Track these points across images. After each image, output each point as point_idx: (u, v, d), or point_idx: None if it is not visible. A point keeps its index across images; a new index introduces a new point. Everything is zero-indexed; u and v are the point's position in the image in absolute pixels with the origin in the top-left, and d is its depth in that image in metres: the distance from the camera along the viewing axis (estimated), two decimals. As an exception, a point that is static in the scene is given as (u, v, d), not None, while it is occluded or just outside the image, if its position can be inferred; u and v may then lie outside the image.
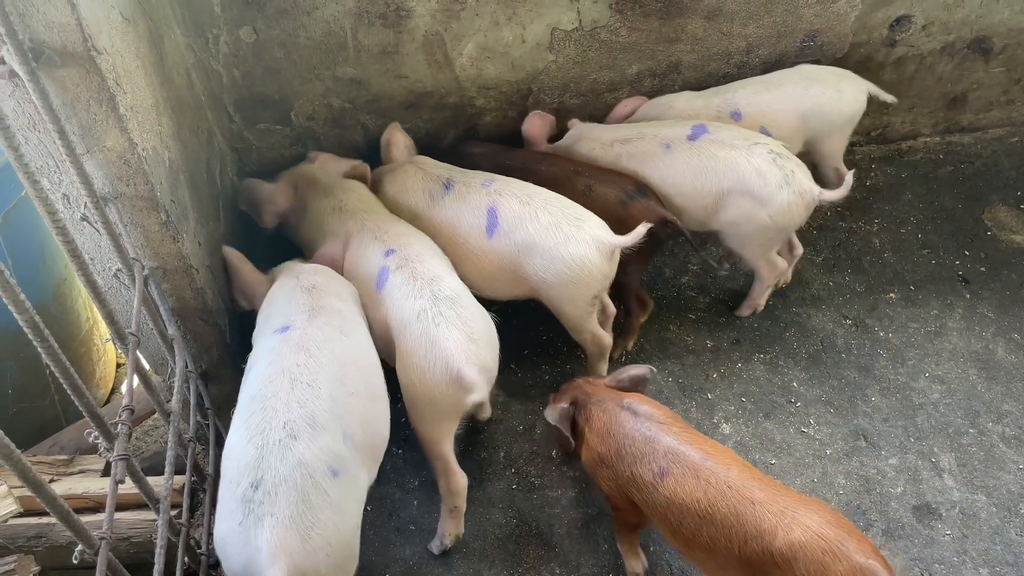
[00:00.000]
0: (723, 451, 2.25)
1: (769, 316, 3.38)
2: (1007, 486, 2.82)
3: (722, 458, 2.20)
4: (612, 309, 3.09)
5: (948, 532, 2.71)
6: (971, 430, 2.99)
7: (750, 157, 2.96)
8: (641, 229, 2.68)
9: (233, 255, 2.80)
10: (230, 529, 1.81)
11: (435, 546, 2.69)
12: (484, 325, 2.49)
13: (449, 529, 2.66)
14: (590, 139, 3.27)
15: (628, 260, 2.80)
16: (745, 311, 3.40)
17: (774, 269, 3.25)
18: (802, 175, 2.99)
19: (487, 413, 3.01)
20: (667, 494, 2.18)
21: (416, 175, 3.05)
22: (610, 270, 2.76)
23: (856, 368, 3.19)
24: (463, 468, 2.60)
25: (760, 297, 3.36)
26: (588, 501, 2.80)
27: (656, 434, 2.27)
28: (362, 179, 3.15)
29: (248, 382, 2.14)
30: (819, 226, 3.75)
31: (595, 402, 2.45)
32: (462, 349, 2.36)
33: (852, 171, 3.03)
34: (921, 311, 3.39)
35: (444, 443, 2.53)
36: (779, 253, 3.26)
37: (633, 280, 3.09)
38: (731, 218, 3.04)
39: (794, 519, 2.01)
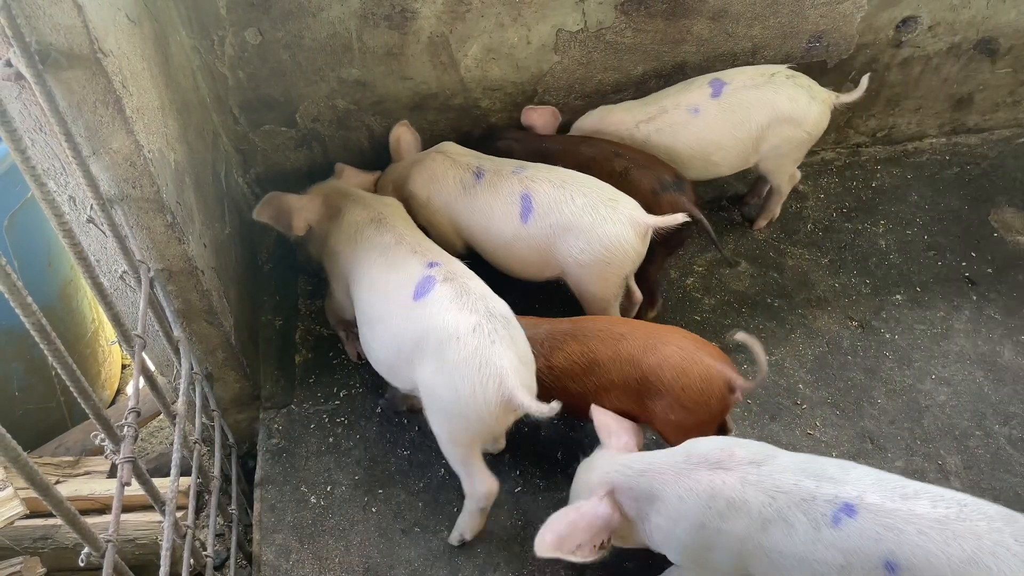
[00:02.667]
0: (589, 318, 2.71)
1: (774, 318, 3.37)
2: (1014, 488, 2.81)
3: (586, 318, 2.68)
4: (639, 295, 3.14)
5: (955, 535, 2.70)
6: (977, 432, 2.97)
7: (776, 89, 3.17)
8: (680, 216, 2.72)
9: None
10: None
11: (454, 538, 2.69)
12: (527, 349, 2.46)
13: (472, 526, 2.66)
14: (613, 126, 3.30)
15: (653, 247, 2.87)
16: (763, 222, 3.67)
17: (793, 180, 3.56)
18: (817, 86, 3.25)
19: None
20: (560, 365, 2.57)
21: (445, 164, 3.06)
22: (644, 249, 2.83)
23: (862, 370, 3.17)
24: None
25: (777, 207, 3.63)
26: (593, 503, 2.79)
27: (532, 332, 2.56)
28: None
29: None
30: (825, 228, 3.74)
31: None
32: (516, 371, 2.31)
33: (858, 172, 3.04)
34: (927, 313, 3.38)
35: (472, 455, 2.50)
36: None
37: (652, 271, 3.13)
38: (771, 146, 3.27)
39: (657, 341, 2.48)
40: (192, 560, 2.11)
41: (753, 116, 3.18)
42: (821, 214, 3.79)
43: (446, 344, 2.33)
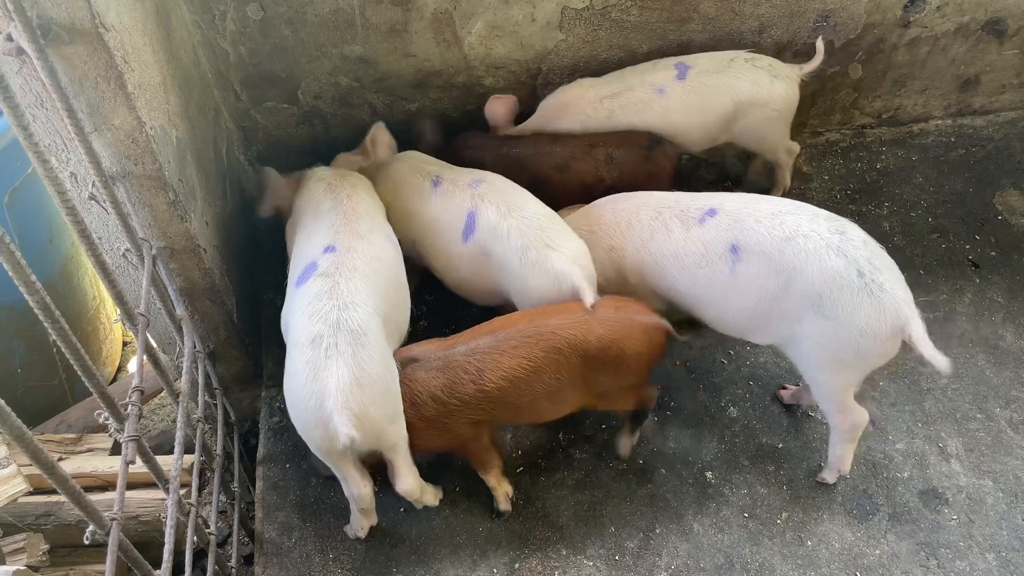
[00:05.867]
0: (502, 319, 2.54)
1: (777, 299, 3.36)
2: (1014, 471, 2.82)
3: (506, 323, 2.50)
4: None
5: (954, 517, 2.71)
6: (979, 415, 2.98)
7: (737, 74, 3.18)
8: (589, 299, 2.49)
9: None
10: None
11: (349, 531, 2.67)
12: (375, 371, 2.23)
13: (362, 523, 2.62)
14: (579, 101, 3.26)
15: None
16: (778, 192, 3.63)
17: (791, 152, 3.53)
18: (778, 62, 3.27)
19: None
20: (495, 385, 2.39)
21: (407, 170, 2.98)
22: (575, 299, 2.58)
23: (864, 352, 3.17)
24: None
25: (786, 176, 3.61)
26: (594, 483, 2.81)
27: (447, 355, 2.44)
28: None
29: None
30: (829, 209, 3.63)
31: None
32: (343, 391, 2.15)
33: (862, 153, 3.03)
34: (930, 295, 3.37)
35: (342, 465, 2.38)
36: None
37: None
38: (743, 127, 3.28)
39: (589, 321, 2.43)
40: (195, 537, 2.12)
41: (716, 101, 3.19)
42: (825, 195, 3.77)
43: (291, 348, 2.31)
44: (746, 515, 2.73)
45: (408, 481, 2.40)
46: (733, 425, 2.96)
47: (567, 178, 3.07)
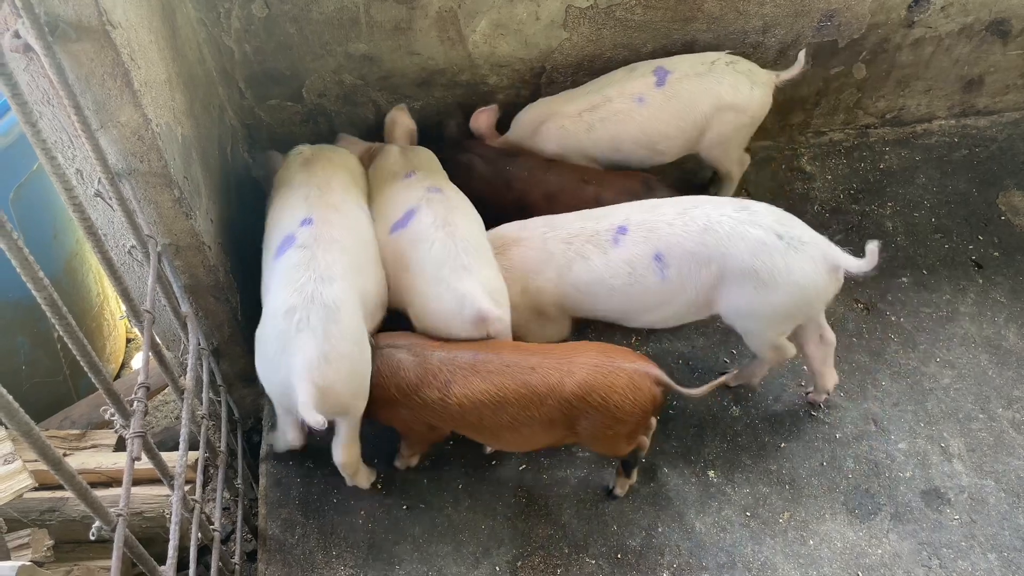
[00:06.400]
0: (495, 342, 2.50)
1: (780, 299, 3.36)
2: (1016, 472, 2.83)
3: (490, 347, 2.46)
4: None
5: (956, 517, 2.71)
6: (981, 415, 2.98)
7: (718, 78, 3.12)
8: (490, 329, 2.49)
9: None
10: None
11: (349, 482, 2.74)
12: (346, 346, 2.28)
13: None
14: (557, 116, 3.24)
15: None
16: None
17: (742, 164, 3.46)
18: (757, 68, 3.22)
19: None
20: (458, 400, 2.39)
21: (393, 157, 3.00)
22: (477, 332, 2.53)
23: (867, 352, 3.18)
24: (471, 449, 2.65)
25: (730, 194, 3.50)
26: (597, 481, 2.81)
27: (426, 355, 2.45)
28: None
29: None
30: (832, 209, 3.72)
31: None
32: (309, 367, 2.21)
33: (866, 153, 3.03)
34: (933, 296, 3.37)
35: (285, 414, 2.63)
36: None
37: None
38: (715, 133, 3.21)
39: (571, 364, 2.37)
40: (199, 534, 2.12)
41: (697, 105, 3.13)
42: (828, 195, 3.78)
43: (265, 315, 2.39)
44: (748, 514, 2.73)
45: (346, 454, 2.55)
46: (736, 424, 2.96)
47: (553, 209, 2.94)
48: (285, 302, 2.28)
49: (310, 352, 2.21)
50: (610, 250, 2.60)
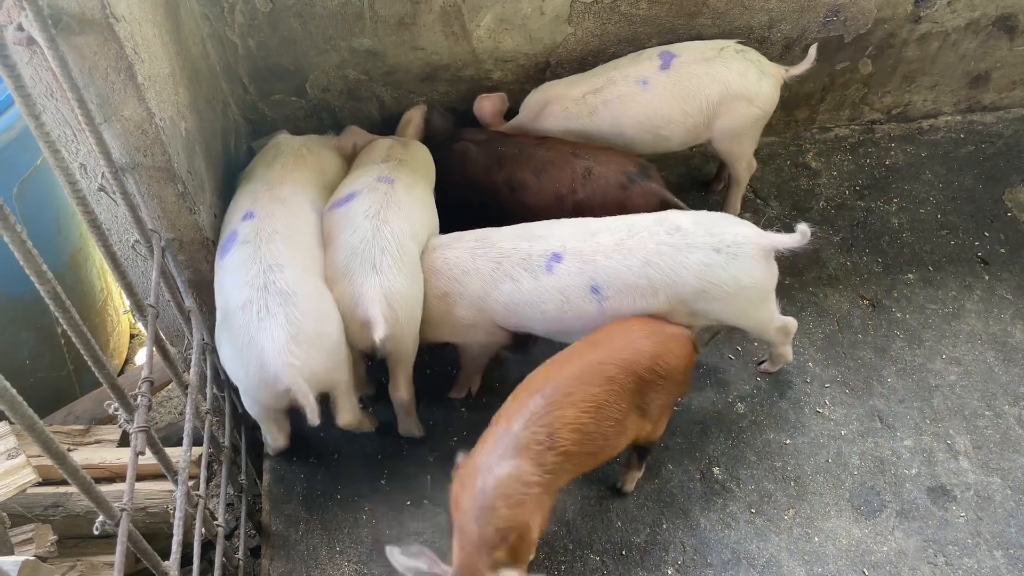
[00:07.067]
0: (531, 379, 2.37)
1: (785, 296, 3.34)
2: (1022, 469, 2.81)
3: (543, 379, 2.33)
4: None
5: (963, 514, 2.70)
6: (987, 412, 2.97)
7: (726, 64, 3.08)
8: (377, 335, 2.37)
9: None
10: None
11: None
12: (312, 326, 2.30)
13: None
14: (561, 98, 3.22)
15: None
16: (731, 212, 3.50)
17: (751, 168, 3.42)
18: (766, 60, 3.18)
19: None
20: (568, 440, 2.20)
21: (377, 148, 2.99)
22: (363, 337, 2.49)
23: (872, 349, 3.16)
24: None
25: (738, 201, 3.52)
26: (601, 479, 2.80)
27: (511, 438, 2.20)
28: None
29: None
30: (837, 205, 3.71)
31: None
32: (280, 353, 2.23)
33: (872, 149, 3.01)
34: (939, 292, 3.36)
35: (266, 417, 2.57)
36: None
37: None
38: (725, 124, 3.15)
39: (633, 339, 2.39)
40: (203, 529, 2.12)
41: (703, 90, 3.08)
42: (834, 191, 3.76)
43: (221, 314, 2.36)
44: (753, 511, 2.72)
45: (347, 417, 2.60)
46: (740, 421, 2.96)
47: (542, 183, 2.95)
48: (240, 297, 2.30)
49: (279, 337, 2.24)
50: (542, 276, 2.52)
